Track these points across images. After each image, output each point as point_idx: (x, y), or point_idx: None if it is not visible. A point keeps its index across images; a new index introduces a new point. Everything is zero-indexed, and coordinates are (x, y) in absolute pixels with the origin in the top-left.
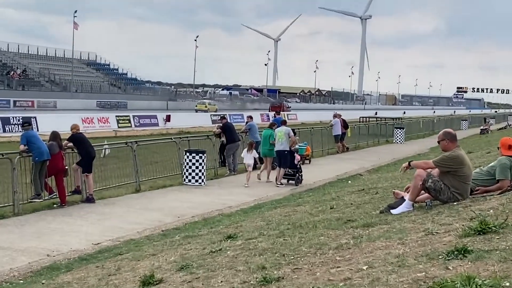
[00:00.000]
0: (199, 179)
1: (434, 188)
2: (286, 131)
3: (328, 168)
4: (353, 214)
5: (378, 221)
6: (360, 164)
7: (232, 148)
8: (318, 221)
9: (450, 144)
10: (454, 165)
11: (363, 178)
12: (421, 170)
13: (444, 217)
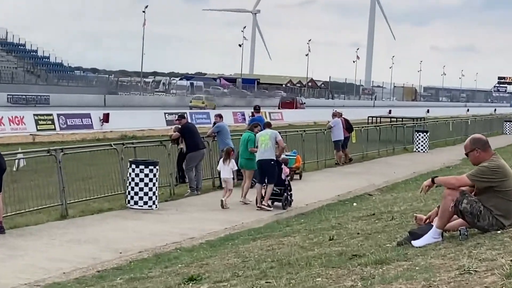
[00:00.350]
0: (149, 201)
1: (470, 212)
2: (272, 135)
3: (325, 185)
4: (361, 248)
5: (395, 256)
6: (368, 180)
7: (194, 158)
8: (313, 256)
9: (484, 153)
10: (496, 178)
11: (374, 199)
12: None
13: (484, 250)
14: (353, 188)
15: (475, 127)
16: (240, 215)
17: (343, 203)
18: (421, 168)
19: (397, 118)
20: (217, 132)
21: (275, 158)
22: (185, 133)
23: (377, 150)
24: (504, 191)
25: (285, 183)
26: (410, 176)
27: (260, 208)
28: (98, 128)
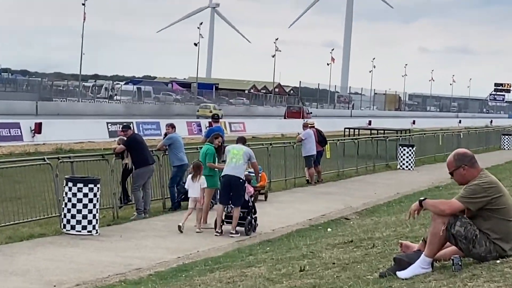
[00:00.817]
0: (88, 225)
1: (465, 236)
2: (247, 152)
3: (295, 208)
4: (337, 280)
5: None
6: (345, 202)
7: (142, 176)
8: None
9: (472, 170)
10: (490, 196)
11: (351, 223)
12: None
13: (482, 282)
14: (327, 211)
15: (468, 141)
16: (195, 242)
17: (315, 228)
18: (406, 188)
19: (378, 130)
20: (169, 145)
21: (244, 178)
22: (131, 146)
23: (355, 167)
24: (500, 210)
25: (248, 205)
26: (394, 198)
27: (221, 234)
28: (28, 140)
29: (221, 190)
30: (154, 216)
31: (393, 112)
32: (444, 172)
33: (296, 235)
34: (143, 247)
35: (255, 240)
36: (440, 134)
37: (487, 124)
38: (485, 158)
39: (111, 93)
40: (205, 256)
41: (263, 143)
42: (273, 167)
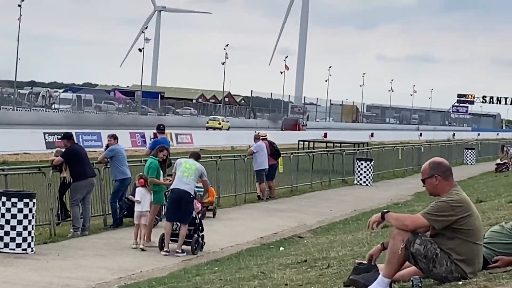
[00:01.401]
0: (23, 243)
1: (424, 255)
2: (199, 169)
3: (245, 225)
4: None
5: None
6: (299, 220)
7: (80, 190)
8: None
9: (444, 183)
10: (457, 216)
11: (305, 242)
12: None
13: None
14: (279, 229)
15: (429, 155)
16: (138, 262)
17: (267, 247)
18: (363, 205)
19: (335, 143)
20: (111, 157)
21: (193, 193)
22: (69, 158)
23: (309, 182)
24: (465, 231)
25: (195, 222)
26: (350, 215)
27: (168, 253)
28: None
29: (168, 206)
30: (94, 234)
31: (350, 124)
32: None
33: (246, 254)
34: (82, 267)
35: (202, 259)
36: (400, 148)
37: (449, 138)
38: None
39: (49, 101)
40: (148, 276)
41: (211, 156)
42: (222, 181)
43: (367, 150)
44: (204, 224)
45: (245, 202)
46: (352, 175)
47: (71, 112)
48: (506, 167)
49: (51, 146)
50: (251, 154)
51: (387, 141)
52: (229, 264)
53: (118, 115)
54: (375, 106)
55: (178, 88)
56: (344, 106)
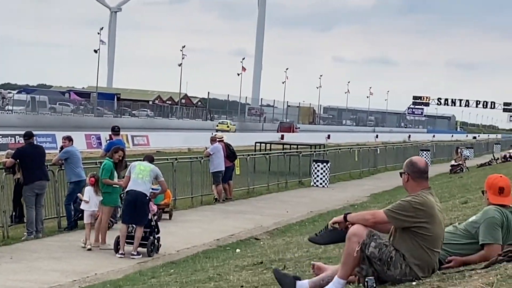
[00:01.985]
0: None
1: (379, 257)
2: (154, 170)
3: (201, 227)
4: None
5: None
6: (255, 221)
7: (29, 192)
8: None
9: (412, 182)
10: (417, 218)
11: (261, 244)
12: (359, 227)
13: None
14: (236, 231)
15: (386, 157)
16: (93, 264)
17: (223, 249)
18: (320, 206)
19: (291, 145)
20: (65, 159)
21: (149, 195)
22: (19, 159)
23: (266, 184)
24: (424, 236)
25: (151, 224)
26: (307, 216)
27: (123, 256)
28: None
29: (124, 208)
30: (48, 236)
31: (307, 126)
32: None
33: (203, 256)
34: (36, 270)
35: (158, 261)
36: (356, 149)
37: (405, 139)
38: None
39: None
40: (103, 279)
41: (167, 158)
42: (178, 183)
43: (323, 152)
44: (160, 226)
45: (201, 204)
46: (309, 177)
47: (25, 113)
48: (460, 169)
49: (4, 148)
50: (208, 156)
51: (344, 143)
52: (185, 266)
53: (73, 116)
54: (332, 108)
55: (134, 90)
56: (301, 108)
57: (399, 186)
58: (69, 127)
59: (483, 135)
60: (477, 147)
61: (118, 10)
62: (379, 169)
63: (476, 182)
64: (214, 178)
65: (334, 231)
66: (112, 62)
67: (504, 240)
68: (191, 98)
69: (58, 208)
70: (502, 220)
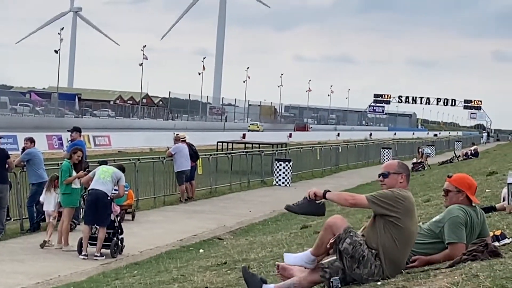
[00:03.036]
0: None
1: (351, 255)
2: (117, 174)
3: (164, 227)
4: None
5: None
6: (218, 221)
7: None
8: None
9: (405, 183)
10: (396, 209)
11: (225, 244)
12: (337, 218)
13: None
14: (199, 231)
15: (347, 155)
16: (56, 266)
17: (186, 250)
18: (283, 205)
19: (253, 144)
20: (27, 161)
21: (111, 196)
22: None
23: (228, 184)
24: (399, 229)
25: (114, 225)
26: (269, 216)
27: (87, 257)
28: None
29: (86, 209)
30: (11, 238)
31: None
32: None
33: (166, 257)
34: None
35: (122, 263)
36: (318, 148)
37: (366, 137)
38: (364, 173)
39: None
40: (67, 281)
41: (130, 159)
42: (141, 183)
43: (285, 151)
44: (123, 227)
45: (164, 204)
46: (271, 176)
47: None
48: (422, 166)
49: None
50: (170, 156)
51: (306, 141)
52: (149, 267)
53: (34, 117)
54: (293, 107)
55: (95, 90)
56: (262, 107)
57: (361, 184)
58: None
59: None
60: (438, 145)
61: (78, 10)
62: (341, 168)
63: (438, 180)
64: (177, 178)
65: (311, 202)
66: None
67: (468, 239)
68: (152, 97)
69: (20, 210)
70: (466, 219)
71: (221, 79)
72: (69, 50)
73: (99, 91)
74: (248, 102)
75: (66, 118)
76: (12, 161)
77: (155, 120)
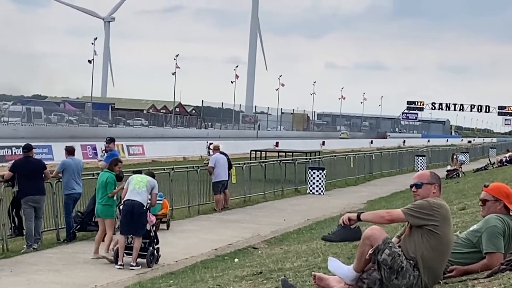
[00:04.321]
0: None
1: (390, 266)
2: (151, 183)
3: (199, 237)
4: None
5: None
6: (253, 230)
7: (24, 205)
8: None
9: (438, 193)
10: (434, 218)
11: (260, 253)
12: (375, 229)
13: None
14: (233, 240)
15: (381, 163)
16: (92, 276)
17: (222, 259)
18: (317, 214)
19: (286, 152)
20: (62, 171)
21: (147, 205)
22: (17, 172)
23: (262, 193)
24: (437, 237)
25: (150, 235)
26: (304, 224)
27: (123, 267)
28: None
29: (122, 219)
30: (47, 248)
31: (301, 133)
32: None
33: (201, 266)
34: (36, 283)
35: (157, 272)
36: (351, 156)
37: (399, 145)
38: (398, 180)
39: None
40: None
41: (164, 168)
42: (175, 193)
43: (319, 159)
44: (158, 237)
45: (198, 214)
46: (305, 184)
47: (21, 124)
48: (457, 174)
49: (1, 160)
50: (212, 171)
51: (339, 149)
52: (184, 277)
53: (68, 127)
54: (326, 114)
55: (128, 99)
56: (295, 115)
57: (395, 192)
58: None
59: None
60: (472, 152)
61: (111, 20)
62: (375, 175)
63: (473, 187)
64: (213, 187)
65: (347, 228)
66: (106, 72)
67: (506, 249)
68: (185, 106)
69: (56, 220)
70: (504, 229)
71: (254, 87)
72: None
73: (132, 100)
74: (281, 110)
75: (100, 128)
76: (48, 172)
77: (188, 129)
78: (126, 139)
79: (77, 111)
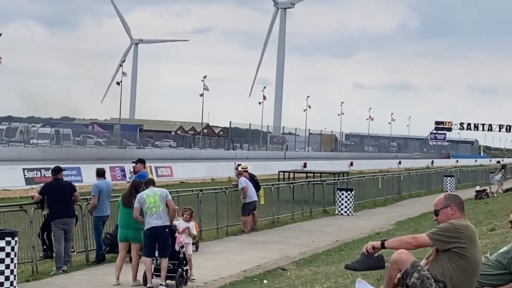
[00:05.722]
0: (5, 282)
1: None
2: (162, 194)
3: (228, 258)
4: None
5: None
6: (281, 251)
7: (54, 227)
8: None
9: (458, 213)
10: (460, 239)
11: (288, 274)
12: (402, 253)
13: None
14: (262, 261)
15: (410, 184)
16: None
17: (251, 280)
18: (345, 235)
19: (315, 173)
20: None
21: (169, 224)
22: (47, 195)
23: (290, 214)
24: (465, 258)
25: (179, 256)
26: (332, 246)
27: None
28: None
29: (145, 242)
30: (77, 270)
31: (329, 154)
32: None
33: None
34: None
35: None
36: (380, 176)
37: (428, 165)
38: (427, 201)
39: (27, 136)
40: None
41: (192, 190)
42: (204, 214)
43: (347, 180)
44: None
45: (227, 235)
46: (333, 205)
47: (50, 146)
48: (486, 194)
49: (30, 182)
50: (245, 196)
51: (367, 169)
52: None
53: (97, 149)
54: (354, 135)
55: (156, 121)
56: (322, 135)
57: (424, 213)
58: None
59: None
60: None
61: (139, 41)
62: (404, 196)
63: (502, 208)
64: (243, 208)
65: (371, 257)
66: (134, 93)
67: None
68: (213, 127)
69: (85, 242)
70: None
71: (281, 108)
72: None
73: (160, 121)
74: (309, 130)
75: (128, 149)
76: (78, 194)
77: (216, 150)
78: (154, 160)
79: (106, 133)
